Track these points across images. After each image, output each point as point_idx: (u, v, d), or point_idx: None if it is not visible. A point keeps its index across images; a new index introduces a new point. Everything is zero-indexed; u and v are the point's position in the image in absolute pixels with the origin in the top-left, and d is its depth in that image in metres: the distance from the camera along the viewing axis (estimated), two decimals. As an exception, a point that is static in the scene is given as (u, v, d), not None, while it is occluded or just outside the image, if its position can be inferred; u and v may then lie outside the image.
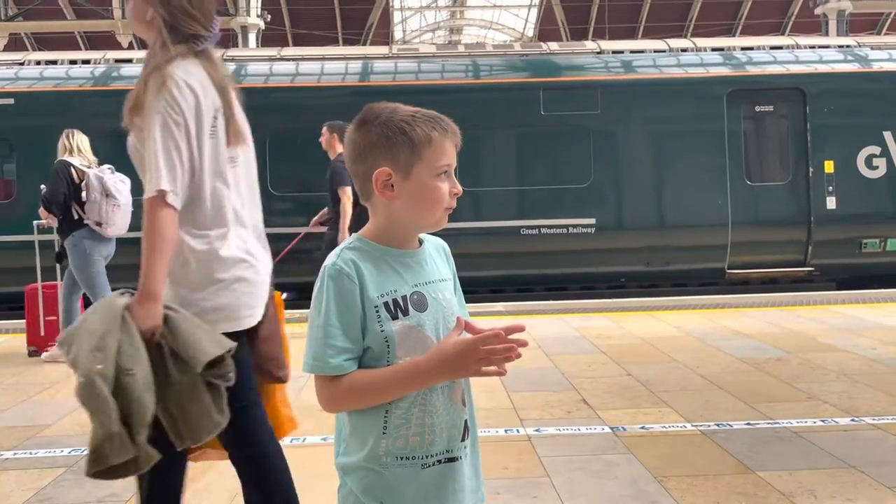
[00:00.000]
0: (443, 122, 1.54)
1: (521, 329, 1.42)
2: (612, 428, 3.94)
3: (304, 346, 1.51)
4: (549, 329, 6.71)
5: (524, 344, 1.43)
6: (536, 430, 3.92)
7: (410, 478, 1.49)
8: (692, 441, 3.73)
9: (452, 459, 1.53)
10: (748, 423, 3.96)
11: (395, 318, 1.48)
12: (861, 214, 9.37)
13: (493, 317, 6.97)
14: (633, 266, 9.38)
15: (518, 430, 3.94)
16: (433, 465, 1.50)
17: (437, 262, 1.60)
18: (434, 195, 1.52)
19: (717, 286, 9.45)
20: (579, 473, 3.33)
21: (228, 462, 2.38)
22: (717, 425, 3.94)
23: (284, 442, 3.81)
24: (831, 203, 9.22)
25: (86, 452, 2.02)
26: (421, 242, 1.60)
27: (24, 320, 8.11)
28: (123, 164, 10.27)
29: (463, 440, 1.55)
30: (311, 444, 3.80)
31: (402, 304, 1.50)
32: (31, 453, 3.79)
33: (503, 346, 1.41)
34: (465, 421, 1.56)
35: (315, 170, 9.08)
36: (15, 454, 3.79)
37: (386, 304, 1.48)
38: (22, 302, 9.12)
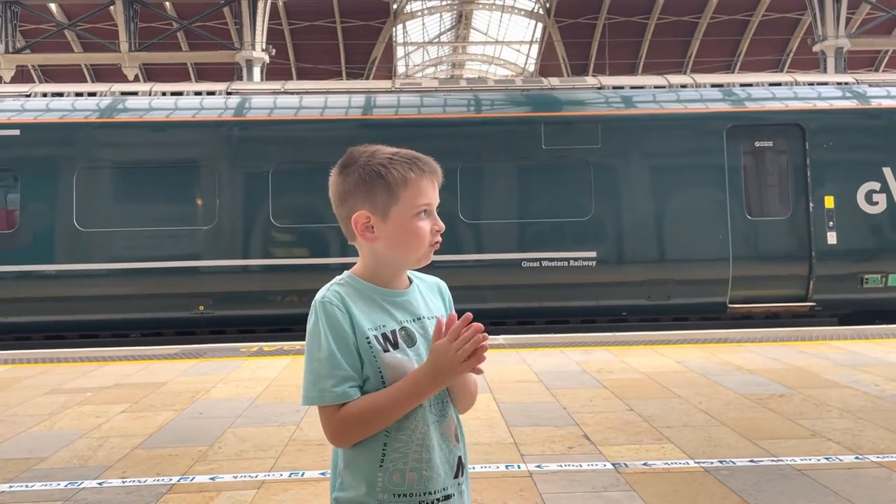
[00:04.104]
0: (420, 162, 1.57)
1: (476, 327, 1.46)
2: (613, 464, 3.90)
3: (302, 381, 1.51)
4: (550, 363, 6.67)
5: (480, 331, 1.47)
6: (538, 466, 3.88)
7: None
8: (695, 478, 3.69)
9: (448, 497, 1.53)
10: (751, 461, 3.92)
11: (385, 350, 1.51)
12: (862, 250, 9.38)
13: (494, 350, 6.94)
14: (634, 300, 9.36)
15: (519, 466, 3.90)
16: (431, 503, 1.50)
17: (428, 300, 1.63)
18: (414, 234, 1.55)
19: (719, 321, 9.42)
20: (581, 510, 3.29)
21: (228, 495, 2.36)
22: (720, 462, 3.90)
23: (283, 476, 3.79)
24: (832, 238, 9.23)
25: (83, 486, 2.00)
26: (411, 281, 1.63)
27: (24, 351, 8.11)
28: (125, 193, 10.30)
29: (456, 477, 1.55)
30: (310, 479, 3.76)
31: (391, 338, 1.52)
32: (27, 486, 3.75)
33: (469, 333, 1.45)
34: (459, 458, 1.57)
35: (318, 202, 9.15)
36: (11, 487, 3.75)
37: (376, 336, 1.51)
38: (25, 332, 9.18)
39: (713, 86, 10.43)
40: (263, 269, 9.25)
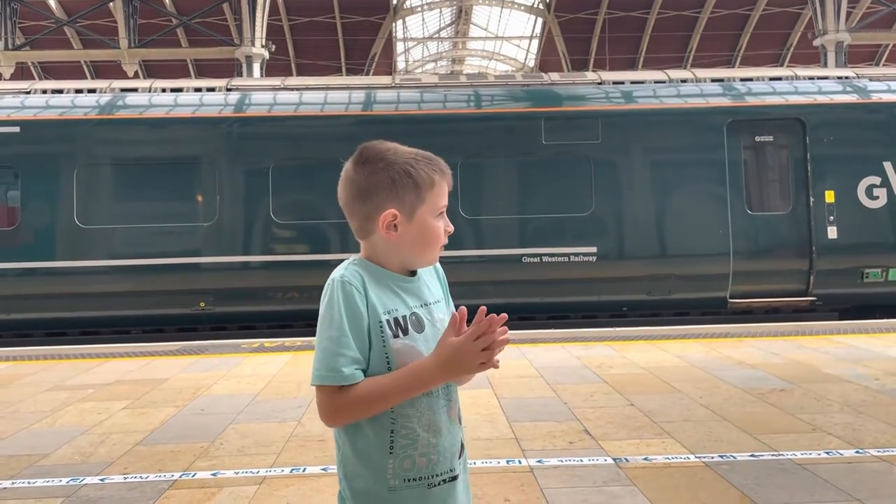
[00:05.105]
0: (440, 165, 1.60)
1: (504, 319, 1.46)
2: (614, 459, 3.90)
3: (313, 359, 1.50)
4: (551, 358, 6.68)
5: (505, 327, 1.47)
6: (538, 461, 3.89)
7: (418, 499, 1.51)
8: (695, 473, 3.69)
9: (454, 478, 1.56)
10: (752, 455, 3.92)
11: (396, 336, 1.52)
12: (862, 244, 9.37)
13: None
14: (634, 295, 9.36)
15: (520, 461, 3.90)
16: (439, 484, 1.53)
17: (430, 284, 1.65)
18: (434, 234, 1.58)
19: (720, 315, 9.42)
20: (582, 505, 3.30)
21: (229, 491, 2.36)
22: (721, 457, 3.90)
23: (284, 472, 3.80)
24: (832, 233, 9.23)
25: (84, 482, 2.01)
26: (414, 271, 1.64)
27: (26, 348, 8.12)
28: (125, 190, 10.29)
29: (460, 457, 1.59)
30: (312, 475, 3.77)
31: (402, 323, 1.53)
32: (29, 483, 3.76)
33: (494, 332, 1.44)
34: (461, 438, 1.61)
35: (318, 198, 9.15)
36: (13, 483, 3.76)
37: (388, 321, 1.52)
38: (27, 329, 9.19)
39: (713, 80, 10.41)
40: (264, 265, 9.25)
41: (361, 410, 1.48)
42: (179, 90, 10.25)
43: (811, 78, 10.52)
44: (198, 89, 10.32)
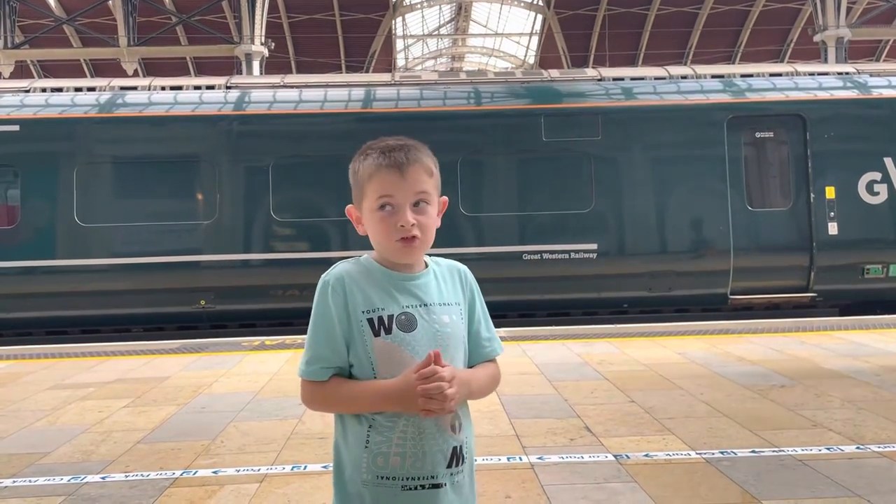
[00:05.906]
0: (383, 156, 1.55)
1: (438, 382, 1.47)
2: (615, 456, 3.90)
3: None
4: (552, 355, 6.68)
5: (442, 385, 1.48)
6: (539, 458, 3.89)
7: (388, 499, 1.50)
8: (696, 469, 3.69)
9: (436, 486, 1.52)
10: (753, 451, 3.93)
11: (376, 335, 1.52)
12: (863, 240, 9.37)
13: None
14: (635, 292, 9.36)
15: (520, 458, 3.91)
16: (414, 488, 1.51)
17: (444, 286, 1.62)
18: (377, 227, 1.57)
19: (720, 312, 9.42)
20: (583, 503, 3.30)
21: (231, 489, 2.36)
22: (722, 453, 3.91)
23: (285, 469, 3.80)
24: (833, 229, 9.22)
25: (86, 481, 2.01)
26: (426, 266, 1.63)
27: (26, 346, 8.13)
28: (125, 188, 10.29)
29: (449, 467, 1.54)
30: (312, 472, 3.77)
31: (386, 322, 1.53)
32: (30, 481, 3.76)
33: (431, 385, 1.46)
34: (456, 448, 1.55)
35: (318, 196, 9.15)
36: (14, 482, 3.76)
37: (370, 320, 1.52)
38: (27, 328, 9.19)
39: (714, 77, 10.40)
40: (264, 263, 9.25)
41: (327, 405, 1.57)
42: (179, 88, 10.24)
43: (811, 74, 10.51)
44: (197, 87, 10.32)
